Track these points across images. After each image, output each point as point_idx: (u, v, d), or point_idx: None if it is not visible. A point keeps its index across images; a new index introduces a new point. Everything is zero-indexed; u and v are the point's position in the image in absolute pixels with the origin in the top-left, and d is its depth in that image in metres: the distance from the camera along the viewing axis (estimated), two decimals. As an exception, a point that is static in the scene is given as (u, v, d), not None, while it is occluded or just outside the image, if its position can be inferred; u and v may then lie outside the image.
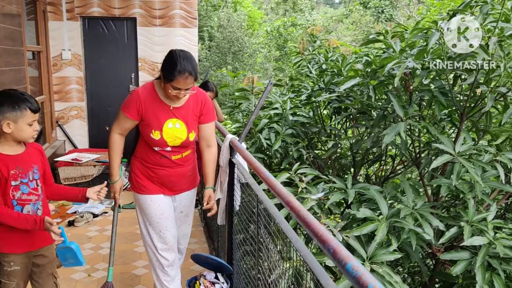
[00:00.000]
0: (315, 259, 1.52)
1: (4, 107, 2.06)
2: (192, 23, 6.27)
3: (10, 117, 2.07)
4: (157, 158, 2.74)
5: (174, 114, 2.66)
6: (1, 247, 2.23)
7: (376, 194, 2.74)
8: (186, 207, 3.00)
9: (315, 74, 4.09)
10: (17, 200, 2.18)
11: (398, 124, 2.67)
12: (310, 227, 1.40)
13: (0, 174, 2.12)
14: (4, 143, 2.15)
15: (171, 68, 2.42)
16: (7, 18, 3.91)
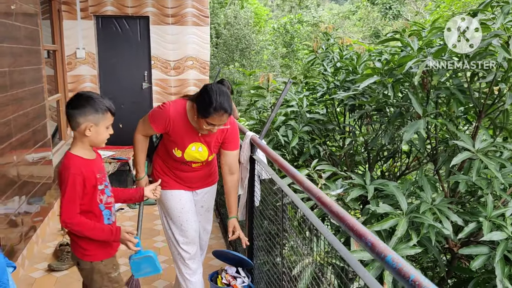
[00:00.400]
0: (348, 251, 1.57)
1: (87, 110, 2.01)
2: (204, 21, 6.33)
3: (93, 120, 2.02)
4: (178, 164, 2.82)
5: (199, 139, 2.71)
6: (100, 254, 2.18)
7: (395, 190, 2.79)
8: (207, 202, 3.08)
9: (330, 72, 4.14)
10: (104, 204, 2.14)
11: (417, 122, 2.72)
12: (345, 221, 1.46)
13: (92, 179, 2.07)
14: (82, 148, 2.09)
15: (207, 105, 2.42)
16: (26, 18, 3.98)
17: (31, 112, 4.00)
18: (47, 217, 4.49)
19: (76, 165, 2.02)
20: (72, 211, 2.01)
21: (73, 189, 2.00)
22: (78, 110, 2.00)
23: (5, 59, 3.40)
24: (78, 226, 2.04)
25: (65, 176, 2.01)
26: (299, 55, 18.46)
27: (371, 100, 3.26)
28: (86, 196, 2.06)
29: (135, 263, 2.24)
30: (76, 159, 2.05)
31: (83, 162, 2.06)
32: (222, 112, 2.43)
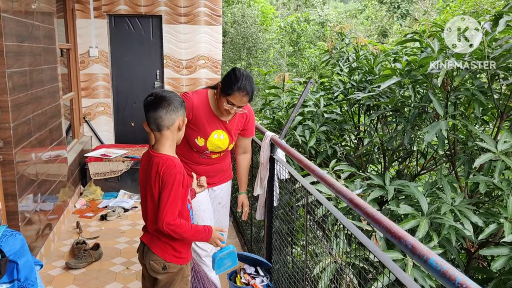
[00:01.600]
0: (383, 252, 1.58)
1: (176, 105, 2.01)
2: (217, 20, 6.34)
3: (182, 114, 2.04)
4: (196, 156, 2.87)
5: (222, 126, 2.79)
6: (186, 258, 2.18)
7: (416, 191, 2.79)
8: (223, 198, 3.14)
9: (346, 72, 4.14)
10: (190, 204, 2.16)
11: (439, 122, 2.72)
12: (381, 223, 1.47)
13: (186, 179, 2.06)
14: (171, 148, 2.07)
15: (232, 83, 2.53)
16: (45, 17, 4.01)
17: (48, 111, 4.03)
18: (63, 215, 4.53)
19: (179, 165, 2.02)
20: (175, 213, 1.99)
21: (178, 190, 1.98)
22: (170, 107, 1.99)
23: (26, 59, 3.43)
24: (179, 228, 2.00)
25: (171, 177, 1.97)
26: (305, 53, 18.43)
27: (390, 100, 3.26)
28: (182, 197, 2.04)
29: (220, 260, 2.19)
30: (176, 160, 2.04)
31: (180, 163, 2.05)
32: (244, 93, 2.55)
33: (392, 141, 3.67)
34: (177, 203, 1.99)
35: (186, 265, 2.18)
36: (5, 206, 3.09)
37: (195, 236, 2.08)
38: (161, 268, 2.11)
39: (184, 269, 2.17)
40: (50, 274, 3.60)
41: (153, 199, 2.02)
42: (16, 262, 2.09)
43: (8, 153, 3.07)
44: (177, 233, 2.01)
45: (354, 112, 4.41)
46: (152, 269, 2.13)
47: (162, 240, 2.08)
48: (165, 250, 2.10)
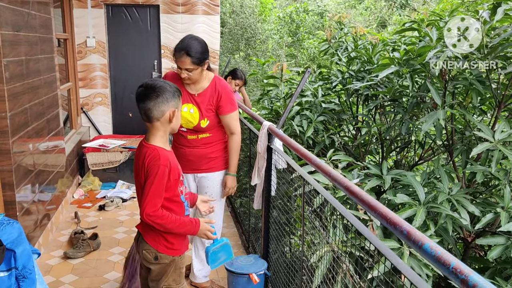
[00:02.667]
0: (380, 240, 1.59)
1: (167, 95, 1.98)
2: (215, 10, 6.30)
3: (174, 105, 2.01)
4: (178, 136, 3.00)
5: (191, 100, 2.87)
6: (179, 250, 2.16)
7: (413, 181, 2.80)
8: (212, 189, 3.11)
9: (344, 62, 4.13)
10: (185, 196, 2.13)
11: (436, 112, 2.72)
12: (377, 210, 1.47)
13: (176, 171, 2.04)
14: (162, 139, 2.06)
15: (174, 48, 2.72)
16: (41, 6, 3.98)
17: (45, 101, 4.01)
18: (61, 205, 4.53)
19: (164, 157, 1.99)
20: (157, 204, 1.96)
21: (161, 182, 1.96)
22: (159, 99, 1.96)
23: (22, 48, 3.41)
24: (161, 219, 1.98)
25: (154, 168, 1.95)
26: (304, 44, 18.36)
27: (387, 90, 3.26)
28: (170, 189, 2.02)
29: (214, 253, 2.15)
30: (163, 151, 2.01)
31: (168, 154, 2.03)
32: (180, 52, 2.65)
33: (390, 131, 3.67)
34: (159, 194, 1.97)
35: (179, 256, 2.16)
36: (3, 196, 3.09)
37: (179, 228, 2.04)
38: (153, 258, 2.11)
39: (177, 261, 2.15)
40: (49, 264, 3.61)
41: (141, 189, 2.02)
42: (14, 251, 2.10)
43: (5, 142, 3.06)
44: (158, 224, 1.99)
45: (352, 102, 4.40)
46: (144, 259, 2.13)
47: (155, 230, 2.07)
48: (157, 240, 2.09)
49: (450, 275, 1.10)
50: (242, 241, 4.16)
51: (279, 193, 3.11)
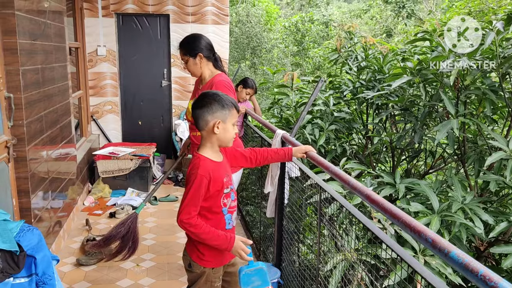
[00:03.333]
0: (401, 247, 1.60)
1: (214, 106, 1.97)
2: (224, 19, 6.36)
3: (220, 116, 1.97)
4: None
5: (197, 94, 3.06)
6: (214, 262, 2.12)
7: (427, 189, 2.81)
8: None
9: (355, 71, 4.16)
10: (228, 209, 2.08)
11: (450, 121, 2.74)
12: (400, 218, 1.49)
13: (218, 183, 2.01)
14: (210, 149, 2.05)
15: None
16: (56, 16, 4.04)
17: (59, 108, 4.06)
18: (72, 212, 4.56)
19: (204, 167, 1.98)
20: (191, 212, 1.97)
21: (197, 191, 1.96)
22: (205, 108, 1.97)
23: (39, 56, 3.46)
24: (194, 228, 1.98)
25: (192, 177, 1.97)
26: (309, 53, 18.44)
27: (400, 99, 3.28)
28: (210, 199, 2.01)
29: (246, 275, 2.04)
30: (205, 161, 2.01)
31: (212, 165, 2.02)
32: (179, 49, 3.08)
33: (401, 140, 3.69)
34: (195, 203, 1.97)
35: (212, 269, 2.12)
36: (18, 203, 3.12)
37: (212, 240, 2.01)
38: (187, 265, 2.14)
39: (208, 273, 2.11)
40: (62, 271, 3.62)
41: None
42: (34, 257, 2.12)
43: (22, 150, 3.10)
44: (191, 232, 2.00)
45: (362, 111, 4.43)
46: (183, 263, 2.20)
47: (191, 238, 2.10)
48: (192, 248, 2.12)
49: (478, 283, 1.12)
50: (253, 249, 4.17)
51: (292, 201, 3.13)
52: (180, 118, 6.46)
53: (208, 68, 3.07)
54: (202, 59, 3.03)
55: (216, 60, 3.12)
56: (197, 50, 3.01)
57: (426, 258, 2.64)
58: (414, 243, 2.67)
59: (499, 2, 8.33)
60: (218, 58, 3.14)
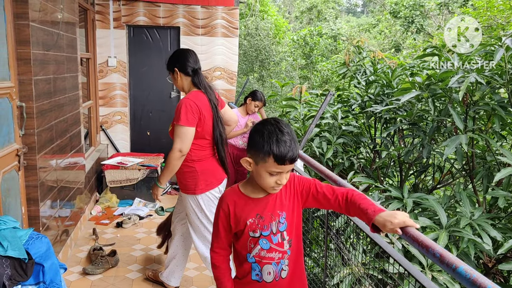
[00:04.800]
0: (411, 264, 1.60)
1: (254, 142, 1.64)
2: (234, 32, 6.42)
3: (252, 154, 1.65)
4: None
5: None
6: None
7: (435, 204, 2.80)
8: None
9: (363, 85, 4.18)
10: (255, 257, 1.73)
11: (459, 136, 2.74)
12: (407, 233, 1.49)
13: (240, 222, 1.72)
14: (250, 184, 1.74)
15: None
16: (68, 27, 4.10)
17: (69, 118, 4.10)
18: (79, 221, 4.58)
19: (226, 202, 1.75)
20: (214, 247, 1.82)
21: (216, 224, 1.79)
22: (249, 140, 1.68)
23: (51, 67, 3.51)
24: (213, 260, 1.83)
25: (215, 208, 1.81)
26: (317, 67, 18.52)
27: (408, 114, 3.29)
28: (238, 238, 1.75)
29: None
30: (233, 191, 1.77)
31: (239, 198, 1.74)
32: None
33: (409, 155, 3.69)
34: (215, 235, 1.80)
35: None
36: (27, 211, 3.15)
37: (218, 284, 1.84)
38: None
39: None
40: (68, 279, 3.63)
41: None
42: (42, 265, 2.13)
43: (32, 158, 3.13)
44: (211, 264, 1.86)
45: (370, 125, 4.44)
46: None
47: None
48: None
49: (486, 298, 1.12)
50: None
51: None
52: (188, 129, 6.48)
53: (187, 84, 3.06)
54: (179, 74, 3.05)
55: (195, 75, 3.02)
56: (173, 65, 3.08)
57: (433, 273, 2.62)
58: (422, 258, 2.66)
59: (507, 17, 8.34)
60: (198, 74, 3.03)
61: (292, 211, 1.71)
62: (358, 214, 1.61)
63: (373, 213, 1.53)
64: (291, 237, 1.72)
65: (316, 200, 1.71)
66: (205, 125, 2.95)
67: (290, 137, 1.60)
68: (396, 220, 1.47)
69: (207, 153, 3.03)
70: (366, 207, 1.57)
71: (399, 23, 14.84)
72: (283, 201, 1.71)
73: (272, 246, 1.69)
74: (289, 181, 1.72)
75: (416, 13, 13.62)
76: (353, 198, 1.63)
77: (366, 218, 1.56)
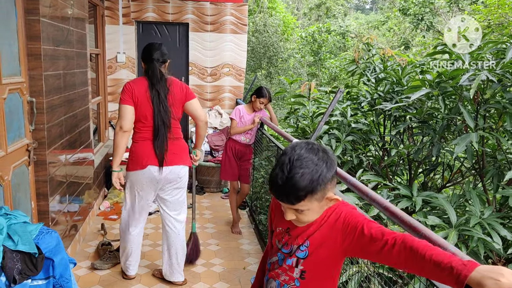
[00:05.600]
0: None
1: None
2: (242, 29, 6.41)
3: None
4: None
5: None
6: None
7: (445, 203, 2.78)
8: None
9: (373, 83, 4.15)
10: (270, 263, 1.64)
11: (469, 135, 2.71)
12: (420, 231, 1.48)
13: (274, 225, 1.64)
14: None
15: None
16: (78, 22, 4.11)
17: (78, 113, 4.12)
18: (88, 217, 4.61)
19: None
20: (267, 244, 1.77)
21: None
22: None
23: (61, 62, 3.52)
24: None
25: None
26: (326, 64, 18.46)
27: (418, 112, 3.26)
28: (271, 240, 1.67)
29: None
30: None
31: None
32: None
33: (418, 153, 3.66)
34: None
35: None
36: (37, 206, 3.17)
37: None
38: None
39: None
40: (76, 274, 3.66)
41: None
42: (52, 259, 2.15)
43: (42, 153, 3.15)
44: None
45: (379, 122, 4.42)
46: None
47: None
48: None
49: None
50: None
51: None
52: (196, 125, 6.50)
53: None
54: (143, 64, 3.34)
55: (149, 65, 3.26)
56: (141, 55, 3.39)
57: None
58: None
59: (519, 15, 8.26)
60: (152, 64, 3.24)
61: (319, 247, 1.46)
62: (432, 269, 1.17)
63: (464, 267, 1.09)
64: (306, 269, 1.50)
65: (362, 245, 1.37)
66: (139, 108, 3.15)
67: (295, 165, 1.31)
68: (503, 279, 1.03)
69: (141, 136, 3.24)
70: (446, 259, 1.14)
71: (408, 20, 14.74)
72: (317, 230, 1.46)
73: (284, 265, 1.55)
74: (335, 215, 1.45)
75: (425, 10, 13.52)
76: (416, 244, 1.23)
77: (451, 274, 1.11)
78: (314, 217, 1.42)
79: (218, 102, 6.51)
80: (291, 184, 1.30)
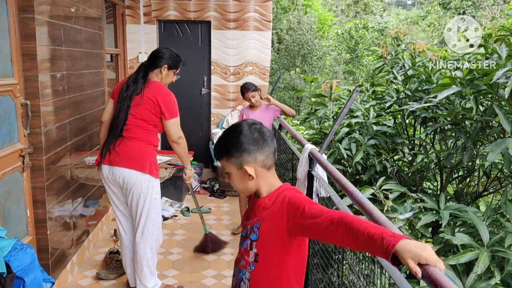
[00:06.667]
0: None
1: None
2: (266, 26, 6.13)
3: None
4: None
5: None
6: None
7: (475, 219, 2.42)
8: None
9: (400, 81, 3.79)
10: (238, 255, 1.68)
11: (505, 140, 2.34)
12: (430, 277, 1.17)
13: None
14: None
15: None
16: (88, 21, 3.96)
17: (88, 116, 3.97)
18: (101, 221, 4.46)
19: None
20: None
21: None
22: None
23: (63, 63, 3.37)
24: None
25: None
26: (363, 61, 17.90)
27: (448, 113, 2.90)
28: None
29: None
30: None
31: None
32: None
33: (450, 158, 3.28)
34: None
35: None
36: (33, 214, 3.01)
37: None
38: None
39: None
40: (80, 284, 3.49)
41: None
42: (23, 279, 1.95)
43: (38, 159, 2.98)
44: None
45: (410, 124, 4.04)
46: None
47: None
48: None
49: None
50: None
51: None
52: (218, 126, 6.28)
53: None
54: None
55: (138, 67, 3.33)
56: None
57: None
58: (459, 282, 2.30)
59: None
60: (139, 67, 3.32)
61: (269, 228, 1.51)
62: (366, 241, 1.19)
63: (393, 238, 1.13)
64: (258, 252, 1.54)
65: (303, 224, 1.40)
66: (115, 104, 3.14)
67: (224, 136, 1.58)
68: (424, 253, 1.09)
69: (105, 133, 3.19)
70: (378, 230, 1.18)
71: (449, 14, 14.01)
72: (266, 212, 1.53)
73: (241, 249, 1.62)
74: (281, 197, 1.52)
75: (467, 3, 12.79)
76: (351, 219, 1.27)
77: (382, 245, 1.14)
78: (239, 186, 1.57)
79: (241, 102, 6.25)
80: (219, 144, 1.58)
